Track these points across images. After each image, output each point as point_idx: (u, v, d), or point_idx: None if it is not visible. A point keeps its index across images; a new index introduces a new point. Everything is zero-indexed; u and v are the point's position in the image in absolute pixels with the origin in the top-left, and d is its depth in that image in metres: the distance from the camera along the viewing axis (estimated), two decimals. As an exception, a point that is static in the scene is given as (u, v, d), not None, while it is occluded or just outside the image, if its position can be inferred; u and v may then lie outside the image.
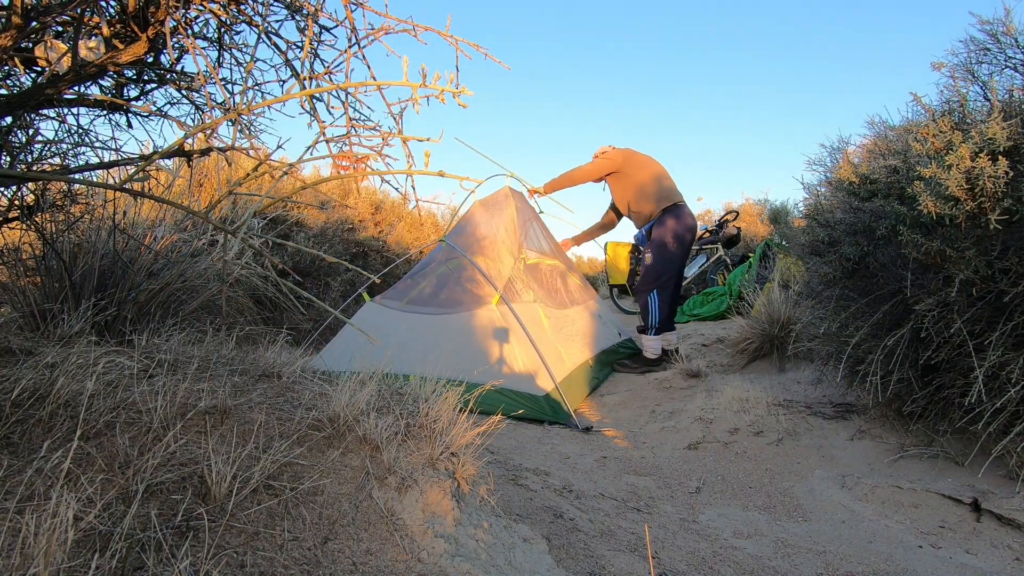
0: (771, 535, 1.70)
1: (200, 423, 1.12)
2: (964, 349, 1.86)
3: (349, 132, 1.30)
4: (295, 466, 1.10)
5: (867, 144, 2.49)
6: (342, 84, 1.21)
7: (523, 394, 2.78)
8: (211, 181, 4.50)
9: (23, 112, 1.25)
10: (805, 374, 3.11)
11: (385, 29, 1.27)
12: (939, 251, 1.82)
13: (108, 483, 0.95)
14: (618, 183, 3.93)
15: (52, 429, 1.03)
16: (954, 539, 1.70)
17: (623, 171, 3.87)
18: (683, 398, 3.14)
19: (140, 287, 1.63)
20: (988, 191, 1.67)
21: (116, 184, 1.06)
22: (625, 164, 3.87)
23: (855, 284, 2.30)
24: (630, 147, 4.00)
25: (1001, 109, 1.75)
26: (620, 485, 2.05)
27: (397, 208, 6.91)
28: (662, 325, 3.75)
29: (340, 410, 1.24)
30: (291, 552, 0.95)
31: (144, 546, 0.85)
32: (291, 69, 1.38)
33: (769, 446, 2.41)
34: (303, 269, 4.67)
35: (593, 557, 1.38)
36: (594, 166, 3.94)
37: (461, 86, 1.07)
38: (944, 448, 2.06)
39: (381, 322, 3.17)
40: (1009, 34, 1.83)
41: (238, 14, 1.31)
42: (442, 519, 1.14)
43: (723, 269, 6.30)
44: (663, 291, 3.73)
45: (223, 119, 1.14)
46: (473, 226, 3.57)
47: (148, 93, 1.43)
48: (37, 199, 1.51)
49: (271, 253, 4.26)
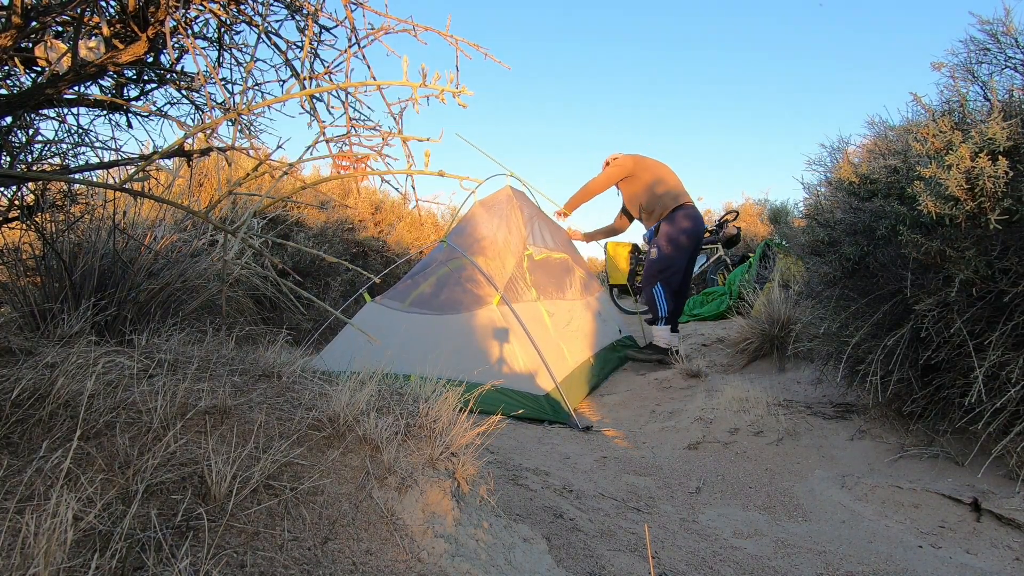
0: (771, 535, 1.70)
1: (200, 423, 1.12)
2: (964, 349, 1.86)
3: (349, 132, 1.30)
4: (295, 466, 1.10)
5: (867, 144, 2.49)
6: (342, 84, 1.21)
7: (523, 393, 2.78)
8: (211, 181, 4.50)
9: (23, 112, 1.25)
10: (805, 374, 3.11)
11: (385, 29, 1.27)
12: (939, 251, 1.82)
13: (108, 483, 0.95)
14: (629, 186, 4.05)
15: (52, 429, 1.03)
16: (954, 539, 1.70)
17: (634, 174, 3.98)
18: (683, 398, 3.13)
19: (140, 287, 1.63)
20: (988, 191, 1.67)
21: (116, 184, 1.06)
22: (636, 168, 3.98)
23: (855, 284, 2.30)
24: (637, 152, 4.13)
25: (1001, 109, 1.75)
26: (620, 485, 2.05)
27: (397, 208, 6.91)
28: (671, 315, 3.82)
29: (340, 410, 1.24)
30: (291, 552, 0.95)
31: (144, 546, 0.85)
32: (291, 69, 1.38)
33: (769, 446, 2.41)
34: (303, 269, 4.67)
35: (593, 557, 1.37)
36: (607, 175, 4.07)
37: (461, 86, 1.07)
38: (944, 448, 2.06)
39: (382, 322, 3.17)
40: (1009, 34, 1.83)
41: (238, 14, 1.31)
42: (442, 519, 1.14)
43: (723, 269, 6.30)
44: (668, 285, 3.80)
45: (223, 119, 1.14)
46: (473, 226, 3.57)
47: (148, 93, 1.43)
48: (37, 199, 1.51)
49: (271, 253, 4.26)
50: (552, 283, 3.50)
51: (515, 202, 3.69)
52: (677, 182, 3.97)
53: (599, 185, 4.09)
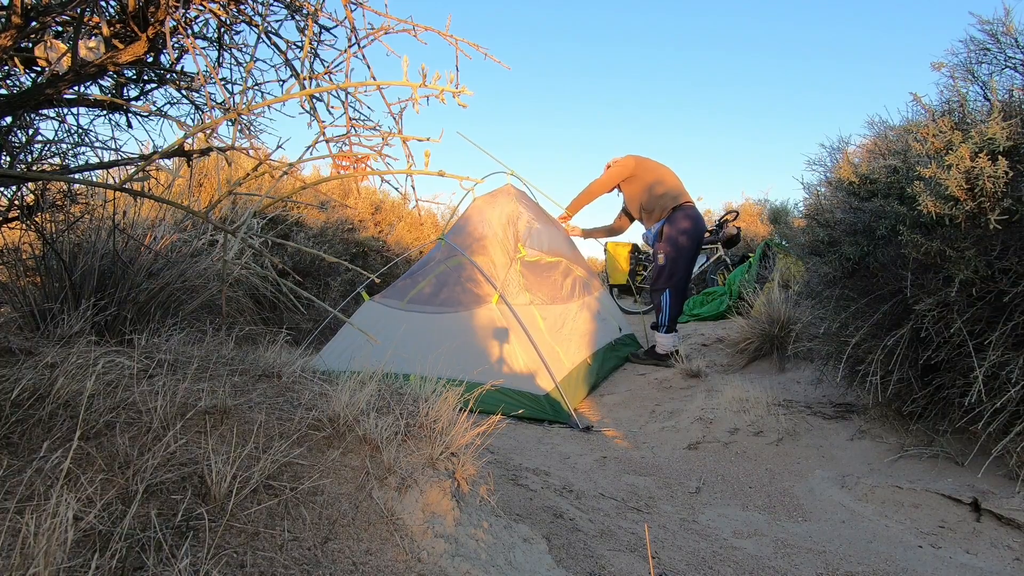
0: (771, 535, 1.70)
1: (200, 423, 1.12)
2: (964, 349, 1.86)
3: (349, 132, 1.30)
4: (295, 466, 1.10)
5: (867, 144, 2.49)
6: (342, 84, 1.21)
7: (523, 393, 2.78)
8: (211, 181, 4.49)
9: (23, 112, 1.25)
10: (805, 374, 3.11)
11: (385, 29, 1.27)
12: (939, 251, 1.82)
13: (108, 483, 0.95)
14: (630, 186, 4.10)
15: (52, 429, 1.03)
16: (954, 539, 1.70)
17: (636, 175, 4.04)
18: (683, 398, 3.13)
19: (140, 287, 1.63)
20: (988, 191, 1.67)
21: (116, 184, 1.06)
22: (637, 168, 4.04)
23: (855, 284, 2.30)
24: (638, 154, 4.19)
25: (1001, 109, 1.75)
26: (620, 485, 2.05)
27: (397, 208, 6.90)
28: (672, 322, 3.87)
29: (340, 410, 1.23)
30: (291, 552, 0.95)
31: (144, 546, 0.85)
32: (291, 69, 1.38)
33: (769, 446, 2.41)
34: (303, 269, 4.66)
35: (593, 557, 1.37)
36: (608, 176, 4.12)
37: (461, 86, 1.07)
38: (944, 448, 2.06)
39: (381, 321, 3.16)
40: (1009, 34, 1.83)
41: (238, 14, 1.31)
42: (442, 519, 1.14)
43: (723, 269, 6.29)
44: (676, 290, 3.84)
45: (223, 119, 1.14)
46: (472, 225, 3.56)
47: (148, 93, 1.43)
48: (37, 199, 1.51)
49: (271, 253, 4.26)
50: (545, 286, 3.47)
51: (513, 201, 3.67)
52: (677, 183, 4.01)
53: (602, 186, 4.14)
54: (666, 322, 3.86)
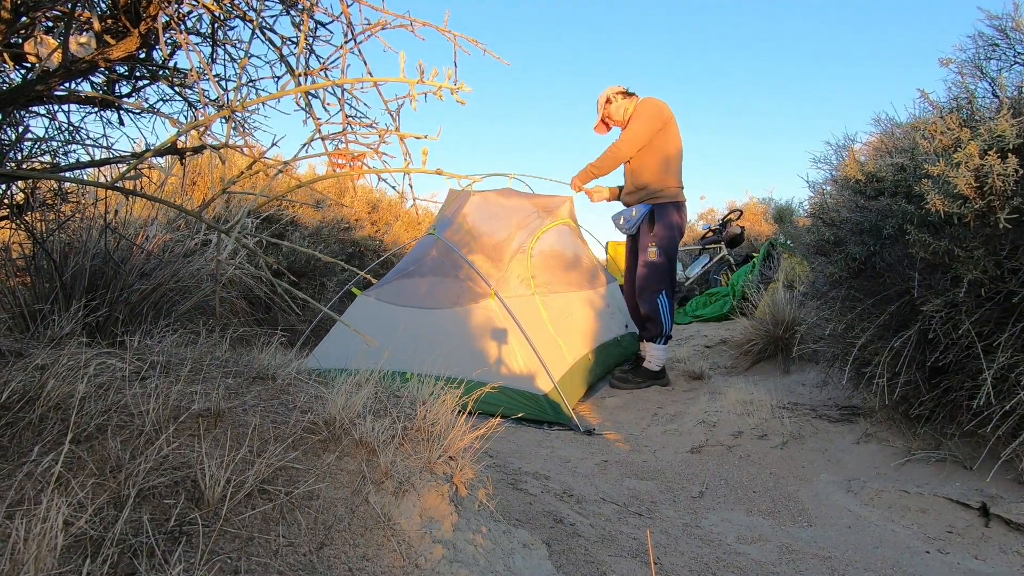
0: (775, 540, 1.67)
1: (193, 426, 1.10)
2: (972, 351, 1.83)
3: (345, 129, 1.27)
4: (290, 470, 1.08)
5: (873, 142, 2.46)
6: (338, 80, 1.19)
7: (523, 392, 2.75)
8: (204, 179, 4.46)
9: (12, 109, 1.23)
10: (810, 376, 3.07)
11: (382, 24, 1.24)
12: (947, 251, 1.79)
13: (99, 487, 0.94)
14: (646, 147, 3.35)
15: (42, 432, 1.01)
16: (962, 544, 1.67)
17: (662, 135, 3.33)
18: (686, 401, 3.11)
19: (132, 287, 1.61)
20: (997, 189, 1.64)
21: (107, 182, 1.04)
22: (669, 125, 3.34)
23: (861, 284, 2.27)
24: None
25: (1010, 106, 1.73)
26: (621, 489, 2.03)
27: (394, 207, 6.89)
28: (670, 331, 3.44)
29: (336, 413, 1.21)
30: (286, 558, 0.93)
31: (136, 552, 0.84)
32: (286, 65, 1.36)
33: (773, 450, 2.38)
34: (298, 269, 4.64)
35: (594, 563, 1.35)
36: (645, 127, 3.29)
37: (459, 82, 1.04)
38: (952, 452, 2.03)
39: (374, 318, 3.11)
40: (1018, 29, 1.81)
41: (232, 9, 1.29)
42: (440, 524, 1.12)
43: (727, 269, 6.27)
44: (672, 292, 3.36)
45: (217, 116, 1.12)
46: (470, 220, 3.51)
47: (140, 90, 1.41)
48: (27, 198, 1.49)
49: (265, 253, 4.24)
50: (552, 277, 3.40)
51: (516, 196, 3.64)
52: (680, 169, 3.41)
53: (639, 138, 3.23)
54: (667, 332, 3.32)
